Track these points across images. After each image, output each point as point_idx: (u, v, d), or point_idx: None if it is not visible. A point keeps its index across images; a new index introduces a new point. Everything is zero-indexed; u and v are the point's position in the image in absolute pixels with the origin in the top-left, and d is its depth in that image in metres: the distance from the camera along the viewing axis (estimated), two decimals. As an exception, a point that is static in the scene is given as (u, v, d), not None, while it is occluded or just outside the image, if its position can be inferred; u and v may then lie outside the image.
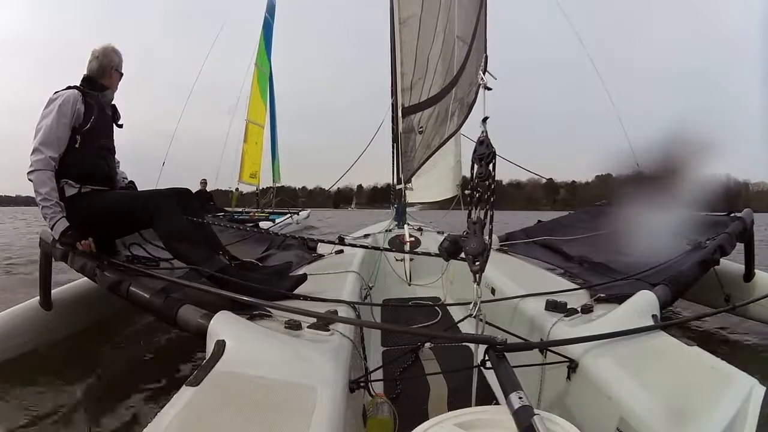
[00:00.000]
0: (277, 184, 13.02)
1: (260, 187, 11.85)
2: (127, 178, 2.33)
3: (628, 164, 1.77)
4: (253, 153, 10.93)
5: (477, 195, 1.20)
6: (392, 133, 4.93)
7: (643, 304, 1.56)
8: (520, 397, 0.84)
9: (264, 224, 7.92)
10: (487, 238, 1.16)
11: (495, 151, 1.23)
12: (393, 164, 5.13)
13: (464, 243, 1.17)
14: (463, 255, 1.20)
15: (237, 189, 10.95)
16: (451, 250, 1.22)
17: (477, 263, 1.13)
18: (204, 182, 10.42)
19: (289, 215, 10.34)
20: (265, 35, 10.97)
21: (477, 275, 1.13)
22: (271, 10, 11.21)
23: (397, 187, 4.78)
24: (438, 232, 4.32)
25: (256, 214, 9.69)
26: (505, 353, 1.02)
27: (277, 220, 9.42)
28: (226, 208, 9.55)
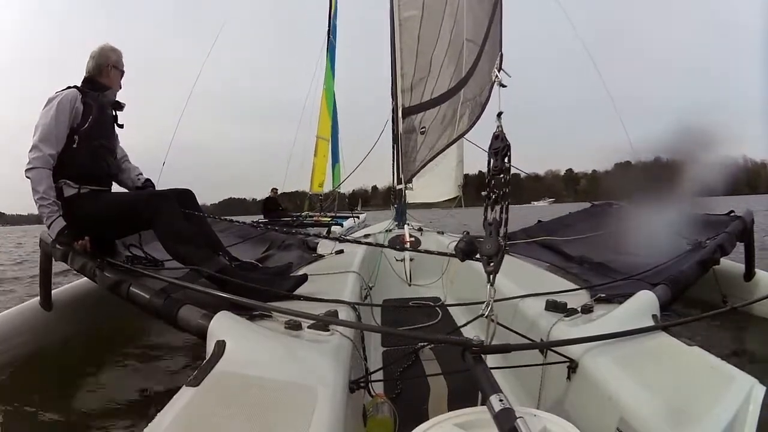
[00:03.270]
0: (336, 190, 13.72)
1: (321, 194, 12.58)
2: (142, 175, 2.31)
3: (645, 152, 1.78)
4: (321, 165, 11.73)
5: (493, 196, 1.21)
6: (392, 133, 4.94)
7: (643, 304, 1.55)
8: (501, 400, 0.82)
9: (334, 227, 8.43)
10: (502, 233, 1.17)
11: (509, 144, 1.24)
12: (393, 165, 5.14)
13: (480, 244, 1.18)
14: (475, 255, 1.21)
15: (308, 197, 11.86)
16: (466, 250, 1.23)
17: (491, 264, 1.13)
18: (275, 191, 11.57)
19: (352, 218, 10.91)
20: (330, 58, 11.42)
21: (491, 276, 1.13)
22: (333, 32, 11.52)
23: (398, 187, 4.78)
24: (438, 232, 4.32)
25: (321, 218, 10.29)
26: (491, 354, 1.01)
27: (344, 224, 9.84)
28: (293, 214, 10.63)
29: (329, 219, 10.29)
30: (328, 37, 11.36)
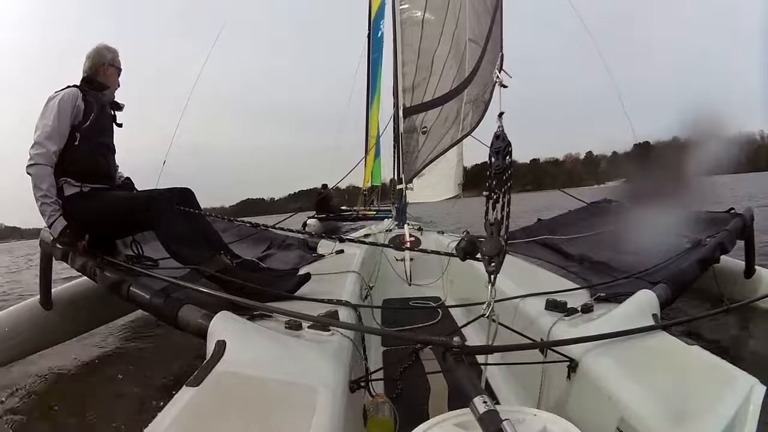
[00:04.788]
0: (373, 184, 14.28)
1: (365, 189, 13.34)
2: (123, 175, 2.31)
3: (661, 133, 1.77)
4: (371, 162, 12.44)
5: (495, 197, 1.21)
6: (393, 133, 4.94)
7: (643, 304, 1.55)
8: (485, 401, 0.80)
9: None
10: (503, 232, 1.17)
11: (510, 143, 1.24)
12: (394, 164, 5.13)
13: (481, 244, 1.18)
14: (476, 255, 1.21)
15: (362, 192, 12.68)
16: (468, 250, 1.23)
17: (492, 264, 1.13)
18: (324, 186, 11.98)
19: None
20: (375, 59, 11.86)
21: (492, 276, 1.13)
22: (376, 32, 11.65)
23: (398, 187, 4.77)
24: (438, 232, 4.32)
25: (367, 212, 10.77)
26: (466, 355, 1.00)
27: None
28: (342, 207, 11.22)
29: (374, 212, 10.60)
30: (369, 40, 11.52)
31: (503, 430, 0.74)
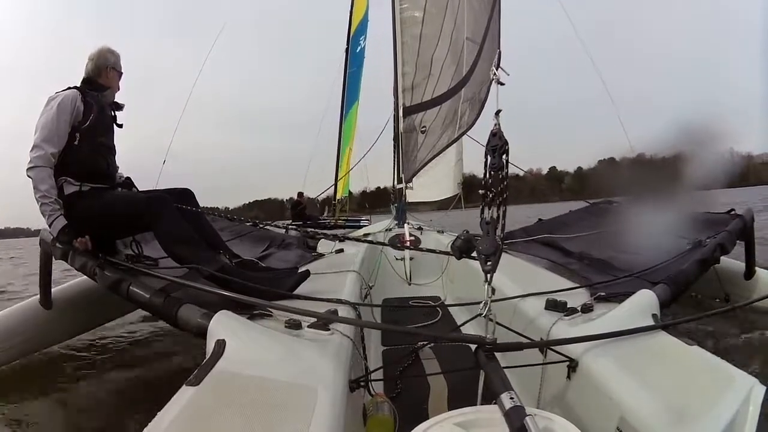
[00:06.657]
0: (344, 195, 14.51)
1: (337, 198, 13.47)
2: (123, 175, 2.30)
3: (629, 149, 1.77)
4: (346, 175, 12.60)
5: (491, 195, 1.20)
6: (394, 132, 4.94)
7: (643, 304, 1.55)
8: (512, 398, 0.83)
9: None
10: (499, 233, 1.16)
11: (507, 142, 1.24)
12: (394, 164, 5.14)
13: (477, 243, 1.17)
14: (473, 254, 1.21)
15: (335, 203, 12.91)
16: (464, 248, 1.22)
17: (489, 263, 1.13)
18: (300, 194, 12.25)
19: (368, 221, 11.36)
20: (354, 71, 11.93)
21: (488, 275, 1.13)
22: (355, 43, 11.70)
23: (398, 186, 4.78)
24: (438, 231, 4.32)
25: (338, 221, 11.03)
26: (495, 353, 1.03)
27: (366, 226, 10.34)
28: (320, 217, 11.47)
29: (343, 221, 10.84)
30: (347, 54, 11.61)
31: (526, 426, 0.76)
